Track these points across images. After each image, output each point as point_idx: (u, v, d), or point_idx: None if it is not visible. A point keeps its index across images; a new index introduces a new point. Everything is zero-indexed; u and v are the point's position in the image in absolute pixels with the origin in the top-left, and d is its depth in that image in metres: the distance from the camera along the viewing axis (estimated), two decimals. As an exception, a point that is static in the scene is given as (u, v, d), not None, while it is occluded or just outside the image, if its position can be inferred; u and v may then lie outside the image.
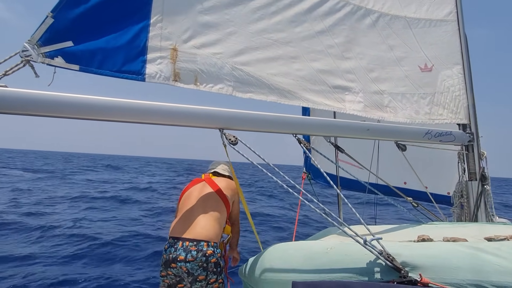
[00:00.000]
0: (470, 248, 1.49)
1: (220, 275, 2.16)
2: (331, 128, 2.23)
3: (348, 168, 2.46)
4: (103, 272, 4.97)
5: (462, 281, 1.36)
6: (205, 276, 2.07)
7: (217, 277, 2.13)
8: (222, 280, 2.19)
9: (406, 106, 2.60)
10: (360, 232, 1.63)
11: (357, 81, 2.46)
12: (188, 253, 2.05)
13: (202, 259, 2.05)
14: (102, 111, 1.63)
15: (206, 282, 2.09)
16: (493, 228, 1.99)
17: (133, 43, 1.84)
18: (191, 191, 2.42)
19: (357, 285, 1.26)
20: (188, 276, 2.07)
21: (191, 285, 2.09)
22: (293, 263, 1.67)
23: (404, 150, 2.54)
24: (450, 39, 2.78)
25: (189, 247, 2.07)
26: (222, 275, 2.19)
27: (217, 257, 2.12)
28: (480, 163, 2.64)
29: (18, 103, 1.48)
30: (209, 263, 2.06)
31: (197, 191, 2.39)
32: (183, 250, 2.07)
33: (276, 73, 2.20)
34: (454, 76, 2.74)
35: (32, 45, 1.61)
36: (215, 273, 2.11)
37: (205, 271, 2.05)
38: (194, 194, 2.36)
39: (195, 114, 1.83)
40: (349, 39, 2.46)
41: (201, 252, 2.06)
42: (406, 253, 1.50)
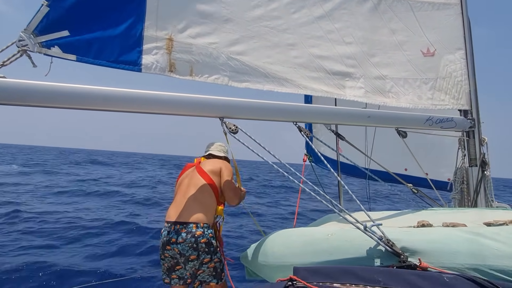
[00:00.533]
0: (469, 233, 1.51)
1: (214, 255, 2.22)
2: (331, 115, 2.22)
3: (349, 154, 2.47)
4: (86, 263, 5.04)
5: (460, 265, 1.38)
6: (197, 256, 2.17)
7: (211, 256, 2.20)
8: (219, 260, 2.24)
9: (408, 91, 2.57)
10: (361, 219, 1.65)
11: (358, 66, 2.43)
12: (179, 235, 2.18)
13: (191, 240, 2.16)
14: (101, 101, 1.63)
15: (200, 262, 2.18)
16: (492, 213, 2.00)
17: (129, 32, 1.83)
18: (183, 177, 2.51)
19: (357, 269, 1.28)
20: (180, 257, 2.20)
21: (185, 265, 2.22)
22: (295, 248, 1.70)
23: (404, 136, 2.54)
24: (453, 23, 2.73)
25: (180, 230, 2.19)
26: (218, 255, 2.25)
27: (207, 237, 2.19)
28: (480, 149, 2.64)
29: (16, 94, 1.48)
30: (199, 244, 2.16)
31: (188, 177, 2.47)
32: (175, 233, 2.19)
33: (273, 62, 2.18)
34: (456, 61, 2.70)
35: (28, 34, 1.59)
36: (208, 253, 2.18)
37: (196, 251, 2.16)
38: (185, 181, 2.45)
39: (196, 103, 1.83)
40: (349, 24, 2.42)
41: (190, 234, 2.17)
42: (405, 238, 1.52)
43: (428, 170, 3.27)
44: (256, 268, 1.87)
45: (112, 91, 1.64)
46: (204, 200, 2.31)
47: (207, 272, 2.21)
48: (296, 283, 1.17)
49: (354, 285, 1.20)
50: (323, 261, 1.56)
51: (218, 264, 2.24)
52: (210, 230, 2.23)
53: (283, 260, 1.69)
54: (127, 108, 1.68)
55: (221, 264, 2.27)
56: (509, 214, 1.88)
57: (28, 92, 1.49)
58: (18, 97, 1.49)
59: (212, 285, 2.23)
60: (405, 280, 1.17)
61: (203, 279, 2.23)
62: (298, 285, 1.16)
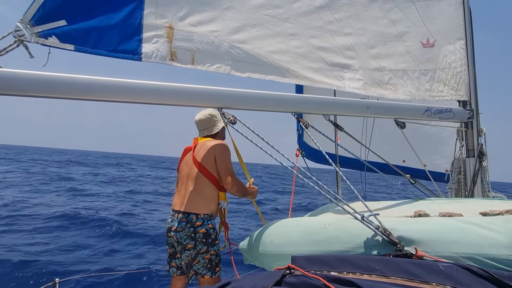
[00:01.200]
0: (465, 222, 1.52)
1: (211, 247, 2.22)
2: (330, 106, 2.22)
3: (346, 146, 2.47)
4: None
5: (456, 254, 1.40)
6: (194, 245, 2.19)
7: (207, 248, 2.21)
8: (215, 253, 2.24)
9: (406, 83, 2.57)
10: (358, 209, 1.67)
11: (357, 58, 2.42)
12: (179, 224, 2.22)
13: (190, 229, 2.19)
14: (101, 91, 1.62)
15: (196, 252, 2.20)
16: (489, 203, 2.02)
17: (128, 21, 1.80)
18: (183, 164, 2.47)
19: (354, 258, 1.30)
20: (178, 245, 2.24)
21: (181, 254, 2.25)
22: (293, 238, 1.72)
23: (403, 127, 2.54)
24: (454, 12, 2.71)
25: (181, 219, 2.23)
26: (215, 248, 2.25)
27: (206, 228, 2.21)
28: (478, 139, 2.65)
29: (13, 84, 1.47)
30: (197, 233, 2.19)
31: (186, 165, 2.43)
32: (177, 222, 2.24)
33: (275, 51, 2.16)
34: (456, 52, 2.69)
35: (25, 24, 1.58)
36: (205, 244, 2.20)
37: (193, 240, 2.19)
38: (184, 170, 2.42)
39: (194, 93, 1.82)
40: (349, 14, 2.40)
41: (189, 223, 2.20)
42: (402, 228, 1.54)
43: (426, 161, 3.28)
44: (255, 257, 1.90)
45: (112, 81, 1.63)
46: (203, 191, 2.29)
47: (202, 263, 2.22)
48: (294, 271, 1.18)
49: (351, 273, 1.22)
50: (321, 250, 1.58)
51: (214, 257, 2.24)
52: (210, 221, 2.24)
53: (281, 249, 1.71)
54: (127, 98, 1.68)
55: (217, 258, 2.27)
56: (505, 204, 1.90)
57: (25, 82, 1.48)
58: (15, 87, 1.48)
59: (206, 278, 2.23)
60: (401, 269, 1.19)
61: (198, 270, 2.23)
62: (296, 273, 1.18)
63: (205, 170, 2.30)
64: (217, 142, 2.36)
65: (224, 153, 2.31)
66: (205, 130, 2.46)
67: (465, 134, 2.69)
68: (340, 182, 3.68)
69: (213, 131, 2.44)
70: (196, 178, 2.32)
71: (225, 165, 2.27)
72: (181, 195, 2.34)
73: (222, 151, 2.31)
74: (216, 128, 2.44)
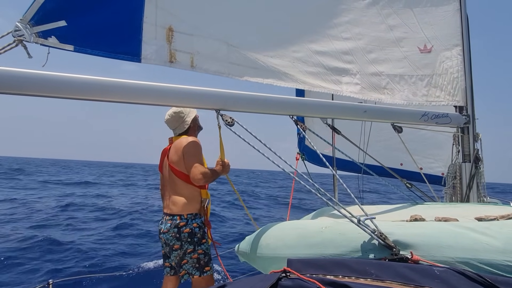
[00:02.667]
0: (460, 227, 1.53)
1: (198, 246, 2.24)
2: (328, 109, 2.23)
3: (344, 150, 2.48)
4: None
5: (451, 259, 1.40)
6: (180, 245, 2.23)
7: (194, 247, 2.23)
8: (203, 252, 2.25)
9: (403, 87, 2.59)
10: (355, 212, 1.67)
11: (354, 62, 2.44)
12: (165, 225, 2.28)
13: (174, 230, 2.23)
14: (99, 91, 1.62)
15: (183, 251, 2.22)
16: (484, 208, 2.03)
17: (128, 23, 1.81)
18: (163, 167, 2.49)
19: (350, 262, 1.30)
20: (166, 246, 2.29)
21: (170, 255, 2.29)
22: (289, 241, 1.72)
23: (400, 132, 2.56)
24: (451, 19, 2.73)
25: (167, 221, 2.28)
26: (203, 247, 2.26)
27: (191, 227, 2.23)
28: (474, 145, 2.67)
29: (11, 82, 1.46)
30: (182, 233, 2.22)
31: (165, 167, 2.45)
32: (164, 223, 2.30)
33: (273, 55, 2.18)
34: (453, 58, 2.71)
35: (25, 24, 1.57)
36: (191, 243, 2.23)
37: (179, 241, 2.23)
38: (164, 172, 2.46)
39: (192, 94, 1.82)
40: (347, 19, 2.42)
41: (174, 224, 2.24)
42: (398, 232, 1.54)
43: (423, 164, 3.31)
44: (251, 259, 1.89)
45: (109, 81, 1.63)
46: (183, 191, 2.31)
47: (190, 263, 2.23)
48: (290, 274, 1.19)
49: (347, 277, 1.22)
50: (317, 254, 1.58)
51: (202, 256, 2.25)
52: (195, 220, 2.27)
53: (277, 252, 1.70)
54: (124, 98, 1.67)
55: (205, 257, 2.27)
56: (500, 210, 1.92)
57: (23, 80, 1.48)
58: (13, 85, 1.47)
59: (196, 278, 2.23)
60: (397, 273, 1.19)
61: (188, 270, 2.24)
62: (292, 276, 1.18)
63: (178, 171, 2.32)
64: (186, 140, 2.32)
65: (191, 150, 2.28)
66: (177, 129, 2.45)
67: (461, 139, 2.71)
68: (337, 185, 3.69)
69: (183, 127, 2.42)
70: (174, 180, 2.35)
71: (189, 161, 2.25)
72: (167, 197, 2.39)
73: (189, 148, 2.28)
74: (185, 124, 2.42)
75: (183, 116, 2.42)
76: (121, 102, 1.69)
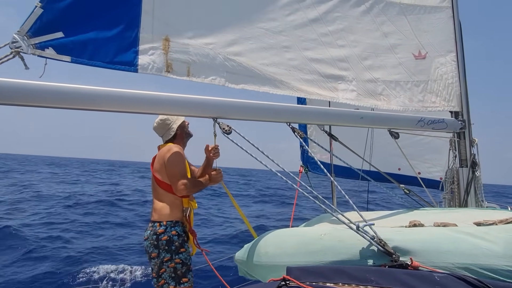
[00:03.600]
0: (459, 232, 1.53)
1: (176, 255, 2.18)
2: (325, 116, 2.24)
3: (342, 156, 2.49)
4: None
5: (451, 265, 1.40)
6: (158, 253, 2.19)
7: (171, 256, 2.17)
8: (181, 261, 2.18)
9: (399, 93, 2.61)
10: (353, 219, 1.67)
11: (350, 69, 2.46)
12: (146, 232, 2.27)
13: (153, 237, 2.21)
14: (94, 100, 1.62)
15: (160, 260, 2.18)
16: (482, 213, 2.03)
17: (125, 33, 1.82)
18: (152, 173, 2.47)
19: (350, 269, 1.29)
20: (146, 254, 2.27)
21: (150, 263, 2.26)
22: (288, 249, 1.71)
23: (397, 137, 2.57)
24: (444, 26, 2.78)
25: (149, 228, 2.27)
26: (181, 256, 2.20)
27: (169, 235, 2.20)
28: (471, 150, 2.68)
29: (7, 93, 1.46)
30: (160, 241, 2.18)
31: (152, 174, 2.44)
32: (146, 230, 2.29)
33: (269, 63, 2.20)
34: (447, 64, 2.75)
35: (22, 36, 1.59)
36: (168, 252, 2.17)
37: (156, 248, 2.19)
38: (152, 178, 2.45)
39: (189, 103, 1.83)
40: (342, 27, 2.45)
41: (153, 231, 2.22)
42: (397, 238, 1.54)
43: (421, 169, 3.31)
44: (250, 268, 1.88)
45: (106, 91, 1.64)
46: (164, 199, 2.30)
47: (168, 272, 2.16)
48: (290, 282, 1.18)
49: (347, 285, 1.21)
50: (316, 261, 1.57)
51: (179, 266, 2.18)
52: (174, 228, 2.23)
53: (276, 260, 1.69)
54: (121, 108, 1.68)
55: (183, 267, 2.19)
56: (499, 214, 1.92)
57: (21, 91, 1.48)
58: (11, 96, 1.47)
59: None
60: (397, 280, 1.19)
61: (166, 279, 2.18)
62: (291, 284, 1.17)
63: (159, 180, 2.32)
64: (168, 149, 2.32)
65: (171, 159, 2.27)
66: (163, 136, 2.46)
67: (458, 144, 2.73)
68: (335, 192, 3.69)
69: (170, 134, 2.42)
70: (156, 188, 2.35)
71: (171, 171, 2.25)
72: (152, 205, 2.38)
73: (170, 157, 2.28)
74: (171, 130, 2.41)
75: (169, 123, 2.41)
76: (117, 112, 1.69)
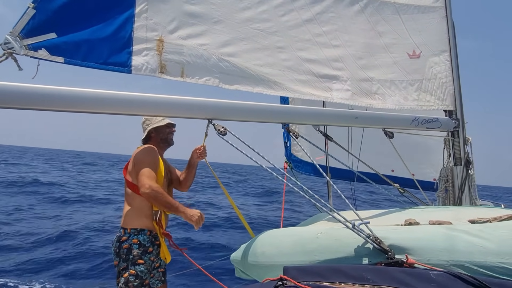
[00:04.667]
0: (454, 230, 1.54)
1: (131, 265, 2.03)
2: (320, 116, 2.25)
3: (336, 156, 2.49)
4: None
5: (446, 262, 1.41)
6: (118, 262, 2.09)
7: (127, 265, 2.04)
8: (135, 273, 2.02)
9: (394, 92, 2.63)
10: (349, 218, 1.67)
11: (345, 69, 2.47)
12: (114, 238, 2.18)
13: (116, 244, 2.11)
14: (89, 103, 1.61)
15: (118, 269, 2.08)
16: (477, 211, 2.05)
17: (118, 34, 1.81)
18: None
19: (346, 268, 1.30)
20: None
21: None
22: (284, 248, 1.71)
23: (391, 137, 2.59)
24: (438, 26, 2.80)
25: (116, 234, 2.17)
26: (137, 268, 2.03)
27: (130, 243, 2.06)
28: (465, 148, 2.71)
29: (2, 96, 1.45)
30: (121, 249, 2.08)
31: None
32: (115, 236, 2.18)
33: (263, 64, 2.19)
34: (441, 63, 2.77)
35: (14, 37, 1.57)
36: (125, 260, 2.06)
37: (118, 257, 2.10)
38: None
39: (183, 104, 1.83)
40: (337, 27, 2.46)
41: (117, 238, 2.12)
42: (393, 236, 1.55)
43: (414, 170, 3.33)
44: (246, 268, 1.87)
45: (99, 93, 1.63)
46: (132, 203, 2.17)
47: (122, 281, 2.01)
48: (286, 282, 1.18)
49: (344, 284, 1.21)
50: (313, 260, 1.58)
51: (133, 278, 2.01)
52: (137, 237, 2.08)
53: (273, 260, 1.69)
54: (116, 110, 1.67)
55: (136, 280, 2.01)
56: (493, 212, 1.93)
57: (14, 95, 1.47)
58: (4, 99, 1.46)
59: None
60: (393, 278, 1.19)
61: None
62: (288, 284, 1.17)
63: (128, 181, 2.20)
64: (139, 148, 2.27)
65: (139, 157, 2.19)
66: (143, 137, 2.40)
67: (452, 143, 2.75)
68: (331, 192, 3.70)
69: (144, 136, 2.37)
70: (126, 189, 2.24)
71: (138, 168, 2.12)
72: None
73: (138, 155, 2.21)
74: (145, 131, 2.36)
75: (147, 125, 2.34)
76: (111, 114, 1.69)
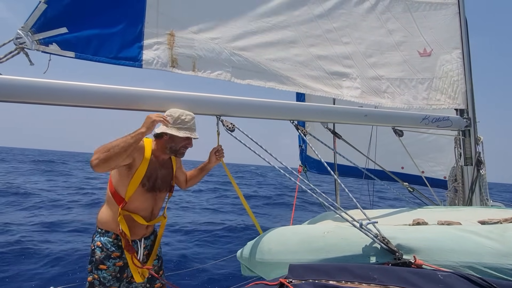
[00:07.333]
0: (463, 231, 1.52)
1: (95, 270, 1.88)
2: (329, 114, 2.23)
3: (345, 154, 2.48)
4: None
5: (455, 263, 1.39)
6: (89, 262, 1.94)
7: (92, 268, 1.90)
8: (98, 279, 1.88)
9: (404, 91, 2.59)
10: (357, 217, 1.66)
11: (355, 66, 2.44)
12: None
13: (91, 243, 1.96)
14: (99, 98, 1.63)
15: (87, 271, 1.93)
16: (487, 211, 2.02)
17: (129, 28, 1.82)
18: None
19: (353, 267, 1.29)
20: None
21: None
22: (291, 246, 1.71)
23: (401, 135, 2.56)
24: (450, 23, 2.75)
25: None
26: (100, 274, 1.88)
27: (94, 244, 1.90)
28: (476, 148, 2.66)
29: (13, 91, 1.47)
30: (90, 248, 1.94)
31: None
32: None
33: (274, 59, 2.18)
34: (453, 61, 2.72)
35: (26, 32, 1.59)
36: (89, 263, 1.92)
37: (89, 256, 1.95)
38: None
39: (192, 100, 1.83)
40: (347, 24, 2.43)
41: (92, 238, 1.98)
42: (401, 236, 1.53)
43: (424, 168, 3.29)
44: (252, 265, 1.88)
45: (109, 88, 1.64)
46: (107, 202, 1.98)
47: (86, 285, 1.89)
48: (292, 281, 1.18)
49: (350, 282, 1.21)
50: (319, 259, 1.57)
51: (97, 282, 1.87)
52: (101, 238, 1.90)
53: (279, 258, 1.69)
54: (123, 105, 1.69)
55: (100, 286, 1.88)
56: (503, 213, 1.90)
57: (24, 89, 1.49)
58: (15, 94, 1.48)
59: None
60: (400, 278, 1.18)
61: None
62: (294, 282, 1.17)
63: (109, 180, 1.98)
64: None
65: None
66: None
67: (463, 142, 2.71)
68: (339, 190, 3.68)
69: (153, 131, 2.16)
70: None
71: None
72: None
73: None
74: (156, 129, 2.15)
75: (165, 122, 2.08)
76: (122, 109, 1.70)
